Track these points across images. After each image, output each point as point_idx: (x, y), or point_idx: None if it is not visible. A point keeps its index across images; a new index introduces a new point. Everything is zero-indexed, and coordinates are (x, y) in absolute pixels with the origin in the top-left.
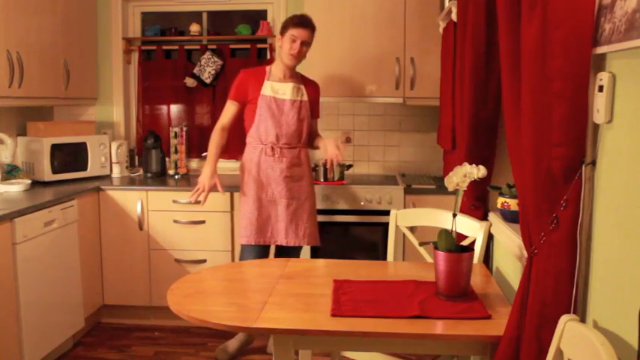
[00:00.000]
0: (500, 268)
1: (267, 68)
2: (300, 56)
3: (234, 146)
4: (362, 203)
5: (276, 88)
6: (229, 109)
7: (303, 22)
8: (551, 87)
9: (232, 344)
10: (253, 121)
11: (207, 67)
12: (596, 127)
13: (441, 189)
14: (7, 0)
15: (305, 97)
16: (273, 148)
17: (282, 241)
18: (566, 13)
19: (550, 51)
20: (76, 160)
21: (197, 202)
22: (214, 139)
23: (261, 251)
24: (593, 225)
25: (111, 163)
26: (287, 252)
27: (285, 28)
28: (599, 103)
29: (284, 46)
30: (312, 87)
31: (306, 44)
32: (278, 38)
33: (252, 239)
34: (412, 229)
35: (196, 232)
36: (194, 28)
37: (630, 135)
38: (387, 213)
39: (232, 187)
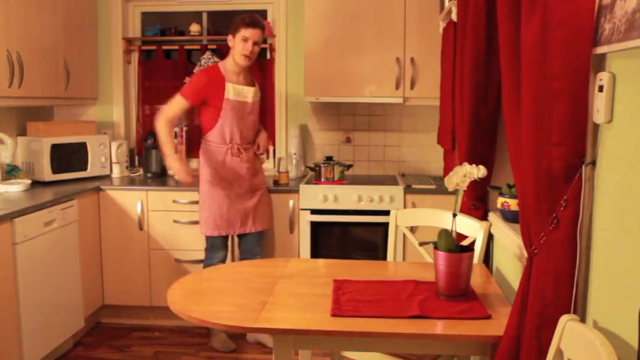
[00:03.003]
0: (500, 268)
1: (222, 67)
2: (252, 56)
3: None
4: (362, 203)
5: (239, 90)
6: (180, 105)
7: (254, 22)
8: (551, 87)
9: (220, 337)
10: (214, 123)
11: None
12: (596, 127)
13: (441, 189)
14: (8, 0)
15: (259, 95)
16: (239, 149)
17: (250, 229)
18: (566, 13)
19: (550, 51)
20: (76, 160)
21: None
22: (167, 130)
23: (226, 238)
24: (593, 225)
25: (111, 163)
26: (249, 237)
27: (236, 28)
28: (599, 103)
29: (236, 47)
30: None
31: (257, 44)
32: (229, 39)
33: (224, 230)
34: (412, 229)
35: (196, 232)
36: (194, 28)
37: (630, 135)
38: (387, 213)
39: None
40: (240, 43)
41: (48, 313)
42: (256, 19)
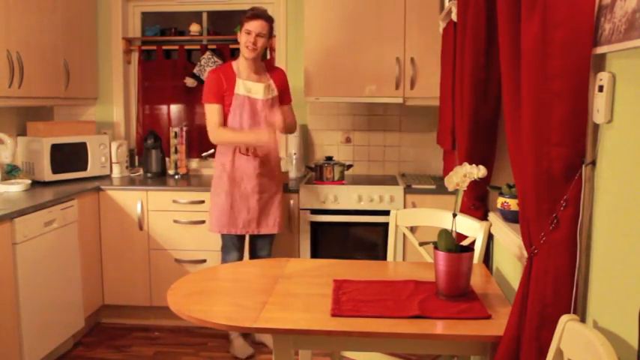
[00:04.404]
0: (500, 268)
1: (234, 65)
2: (256, 48)
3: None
4: (362, 203)
5: (249, 87)
6: (213, 111)
7: (255, 14)
8: (551, 87)
9: (237, 342)
10: (226, 120)
11: (207, 67)
12: (596, 127)
13: (441, 189)
14: (8, 0)
15: (275, 93)
16: (247, 148)
17: (253, 230)
18: (566, 13)
19: (550, 51)
20: (76, 160)
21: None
22: (227, 133)
23: (240, 239)
24: (593, 225)
25: (111, 163)
26: (258, 239)
27: (241, 23)
28: (599, 103)
29: (241, 41)
30: (278, 76)
31: (261, 35)
32: (238, 35)
33: (225, 229)
34: (412, 229)
35: (196, 232)
36: (194, 28)
37: (630, 135)
38: (387, 213)
39: None
40: (244, 36)
41: (48, 313)
42: (259, 10)
